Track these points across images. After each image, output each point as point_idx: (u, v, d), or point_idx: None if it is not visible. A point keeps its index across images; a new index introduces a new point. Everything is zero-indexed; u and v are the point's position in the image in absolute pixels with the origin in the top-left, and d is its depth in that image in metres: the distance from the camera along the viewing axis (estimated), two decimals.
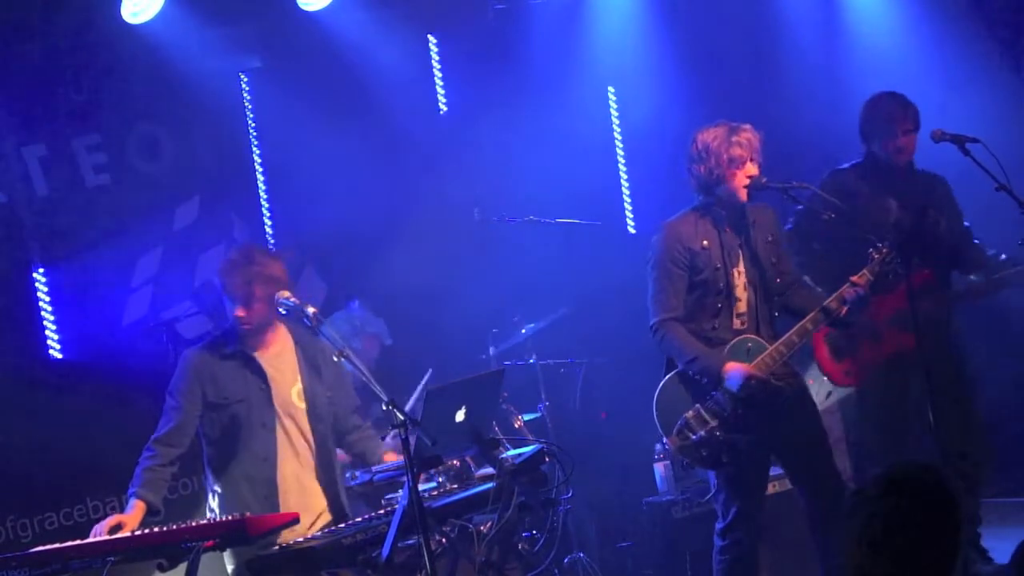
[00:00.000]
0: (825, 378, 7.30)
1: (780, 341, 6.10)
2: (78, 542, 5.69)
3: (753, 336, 6.15)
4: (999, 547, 6.65)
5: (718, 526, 6.21)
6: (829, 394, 7.54)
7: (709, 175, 6.09)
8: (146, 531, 5.74)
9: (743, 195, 6.10)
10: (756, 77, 9.03)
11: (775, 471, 6.70)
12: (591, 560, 7.64)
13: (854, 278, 6.06)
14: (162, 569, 5.62)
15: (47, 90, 7.80)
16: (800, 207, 6.65)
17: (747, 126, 6.10)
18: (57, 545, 5.62)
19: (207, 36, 8.00)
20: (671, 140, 7.00)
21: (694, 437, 6.07)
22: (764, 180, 6.08)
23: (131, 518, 5.93)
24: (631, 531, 8.01)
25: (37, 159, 7.87)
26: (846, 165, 7.06)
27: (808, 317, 6.11)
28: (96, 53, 7.89)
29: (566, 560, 7.50)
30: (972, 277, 7.16)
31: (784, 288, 6.30)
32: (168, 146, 8.25)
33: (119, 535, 5.73)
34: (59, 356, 7.70)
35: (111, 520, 5.85)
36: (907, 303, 6.41)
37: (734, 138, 6.05)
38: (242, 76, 8.55)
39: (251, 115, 8.51)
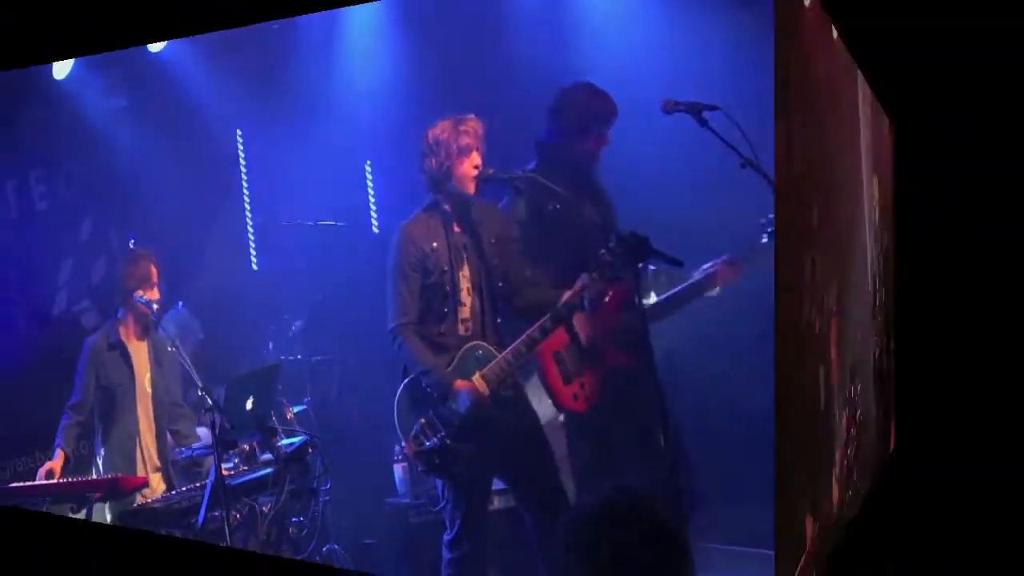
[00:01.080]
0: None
1: (508, 350, 5.78)
2: (24, 484, 6.89)
3: (482, 343, 5.87)
4: None
5: (446, 537, 5.95)
6: (559, 416, 6.51)
7: (439, 168, 5.87)
8: (65, 480, 6.70)
9: (471, 187, 5.85)
10: (485, 74, 8.04)
11: (499, 485, 6.29)
12: (344, 552, 7.34)
13: (581, 283, 5.72)
14: (73, 512, 6.62)
15: (13, 133, 8.49)
16: (508, 197, 6.20)
17: (471, 116, 5.89)
18: (12, 484, 6.90)
19: (96, 85, 8.60)
20: (409, 142, 6.34)
21: (427, 444, 5.83)
22: (491, 171, 5.84)
23: (56, 465, 6.82)
24: (376, 529, 7.59)
25: (11, 189, 8.60)
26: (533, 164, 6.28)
27: (536, 326, 5.78)
28: (41, 103, 8.52)
29: (324, 549, 7.21)
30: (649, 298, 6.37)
31: (510, 293, 5.97)
32: (77, 176, 8.84)
33: (51, 481, 6.73)
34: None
35: (45, 467, 6.83)
36: (615, 317, 5.94)
37: (461, 127, 5.83)
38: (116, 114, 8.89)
39: (120, 144, 8.74)
